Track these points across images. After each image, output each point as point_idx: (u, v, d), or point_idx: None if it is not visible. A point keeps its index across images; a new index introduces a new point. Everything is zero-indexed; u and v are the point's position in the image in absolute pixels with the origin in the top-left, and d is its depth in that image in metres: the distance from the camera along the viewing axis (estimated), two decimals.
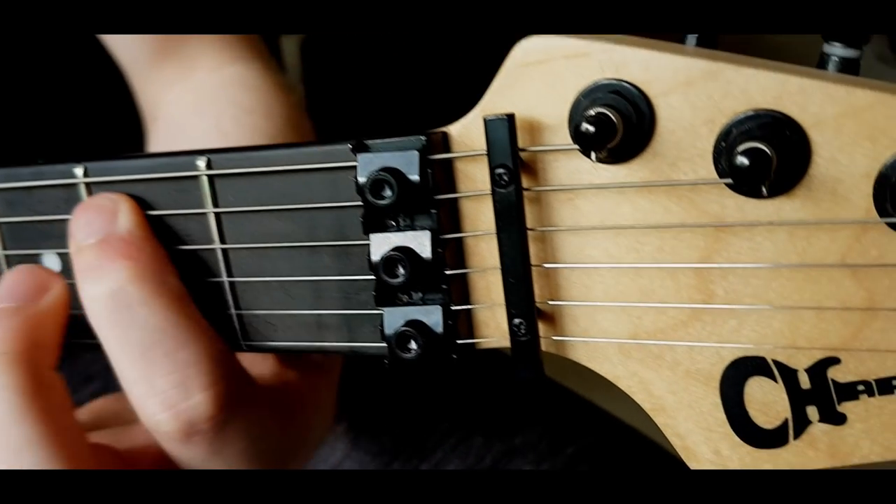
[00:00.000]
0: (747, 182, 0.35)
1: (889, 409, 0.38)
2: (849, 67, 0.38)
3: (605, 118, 0.37)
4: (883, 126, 0.35)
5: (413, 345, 0.43)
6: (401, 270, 0.42)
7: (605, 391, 0.48)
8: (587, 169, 0.41)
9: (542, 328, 0.44)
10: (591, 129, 0.37)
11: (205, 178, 0.48)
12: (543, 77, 0.40)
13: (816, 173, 0.37)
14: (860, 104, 0.35)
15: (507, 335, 0.43)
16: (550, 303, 0.44)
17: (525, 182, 0.42)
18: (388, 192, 0.41)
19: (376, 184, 0.42)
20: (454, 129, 0.43)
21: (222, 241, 0.49)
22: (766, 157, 0.35)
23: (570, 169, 0.41)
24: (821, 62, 0.38)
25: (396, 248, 0.42)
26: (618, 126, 0.38)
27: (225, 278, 0.49)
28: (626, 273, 0.42)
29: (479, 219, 0.43)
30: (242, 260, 0.49)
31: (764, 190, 0.36)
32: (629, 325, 0.42)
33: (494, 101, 0.42)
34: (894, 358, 0.38)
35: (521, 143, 0.41)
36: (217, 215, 0.48)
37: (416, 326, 0.43)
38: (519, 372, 0.43)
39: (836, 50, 0.37)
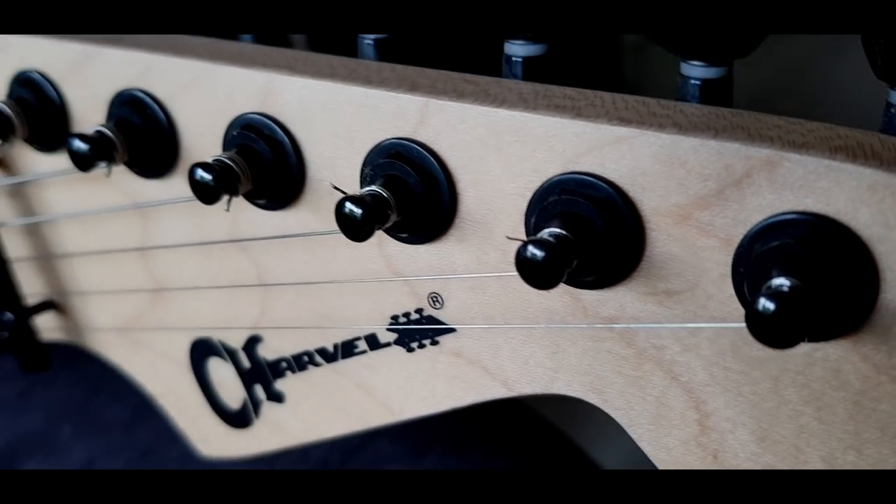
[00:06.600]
0: (82, 164, 0.34)
1: (314, 382, 0.37)
2: None
3: None
4: None
5: None
6: None
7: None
8: (41, 159, 0.40)
9: (60, 320, 0.44)
10: None
11: None
12: None
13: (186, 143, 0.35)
14: None
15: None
16: (60, 294, 0.44)
17: None
18: None
19: None
20: None
21: None
22: (107, 140, 0.34)
23: (31, 160, 0.41)
24: None
25: None
26: (11, 115, 0.37)
27: None
28: (95, 260, 0.41)
29: None
30: None
31: (106, 166, 0.34)
32: (117, 311, 0.42)
33: None
34: (303, 335, 0.36)
35: None
36: None
37: None
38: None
39: None
